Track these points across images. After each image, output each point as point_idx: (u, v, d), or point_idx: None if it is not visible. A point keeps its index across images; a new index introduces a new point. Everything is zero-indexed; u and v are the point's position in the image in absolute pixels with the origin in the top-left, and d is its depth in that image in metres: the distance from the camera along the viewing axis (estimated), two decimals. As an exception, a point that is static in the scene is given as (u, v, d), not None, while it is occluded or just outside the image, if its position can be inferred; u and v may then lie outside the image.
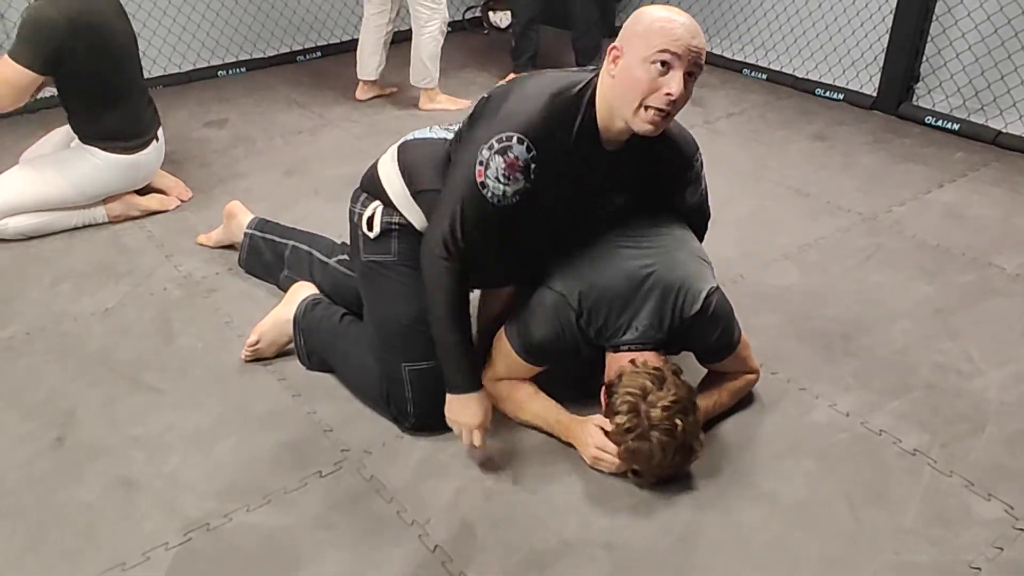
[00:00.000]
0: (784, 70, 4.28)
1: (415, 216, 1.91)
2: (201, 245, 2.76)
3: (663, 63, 1.62)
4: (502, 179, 1.68)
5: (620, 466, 1.81)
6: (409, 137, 1.99)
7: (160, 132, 2.97)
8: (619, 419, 1.74)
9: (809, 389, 2.13)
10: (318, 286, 2.29)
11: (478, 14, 5.25)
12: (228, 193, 3.13)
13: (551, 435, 1.96)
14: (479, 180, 1.68)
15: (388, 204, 1.93)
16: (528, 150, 1.67)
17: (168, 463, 1.89)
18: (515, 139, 1.66)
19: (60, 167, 2.77)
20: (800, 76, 4.20)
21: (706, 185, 2.05)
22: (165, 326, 2.38)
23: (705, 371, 2.05)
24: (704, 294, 1.84)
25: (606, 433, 1.81)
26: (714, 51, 4.57)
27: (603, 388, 1.86)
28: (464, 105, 3.96)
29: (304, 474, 1.86)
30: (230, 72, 4.39)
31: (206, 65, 4.37)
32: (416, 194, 1.90)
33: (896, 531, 1.73)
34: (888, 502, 1.80)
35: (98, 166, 2.78)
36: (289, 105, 4.01)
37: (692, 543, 1.70)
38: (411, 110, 3.96)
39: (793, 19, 4.31)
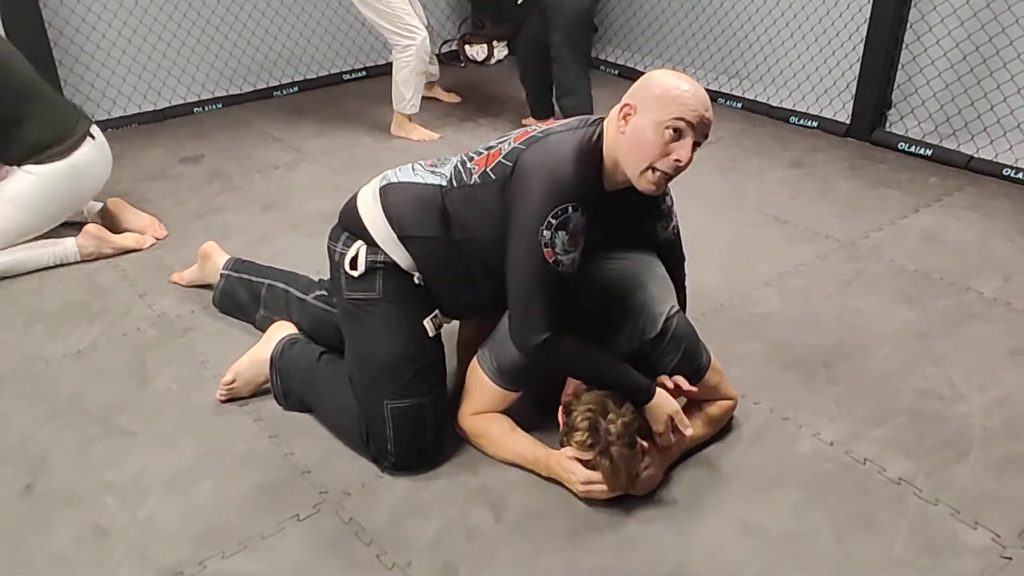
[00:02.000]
0: (759, 99, 4.32)
1: (401, 257, 1.89)
2: (174, 283, 2.72)
3: (676, 130, 1.68)
4: (569, 248, 1.72)
5: (611, 491, 1.80)
6: (393, 179, 1.95)
7: (95, 129, 2.89)
8: (578, 436, 1.76)
9: (792, 418, 2.12)
10: (296, 324, 2.26)
11: (454, 47, 5.28)
12: (205, 230, 3.11)
13: (532, 471, 1.93)
14: (551, 260, 1.71)
15: (372, 244, 1.91)
16: (581, 213, 1.71)
17: (142, 509, 1.85)
18: (569, 208, 1.69)
19: (5, 198, 2.71)
20: (775, 104, 4.24)
21: (679, 225, 2.05)
22: (139, 367, 2.33)
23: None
24: (663, 317, 1.85)
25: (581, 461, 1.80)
26: (689, 81, 4.60)
27: (560, 407, 1.86)
28: (431, 138, 3.97)
29: (281, 518, 1.82)
30: (206, 108, 4.37)
31: (182, 102, 4.35)
32: (404, 238, 1.89)
33: (884, 562, 1.71)
34: (875, 532, 1.78)
35: (39, 182, 2.72)
36: (266, 140, 3.99)
37: (679, 580, 1.68)
38: (387, 143, 3.96)
39: (767, 48, 4.36)
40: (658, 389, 1.82)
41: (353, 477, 1.93)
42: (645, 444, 1.81)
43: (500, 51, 5.27)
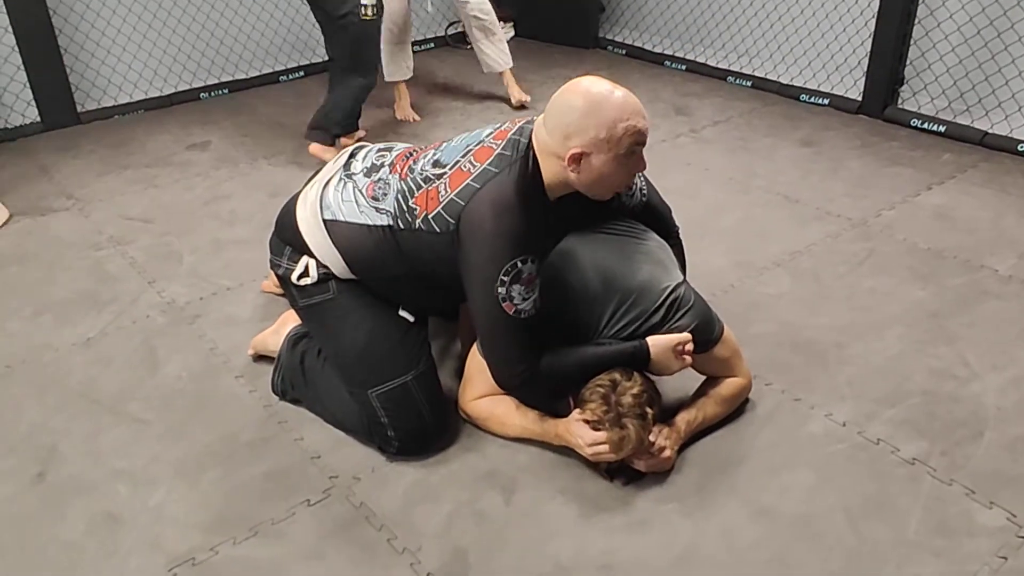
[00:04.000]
0: (769, 77, 4.27)
1: (348, 275, 1.91)
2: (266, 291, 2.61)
3: (633, 153, 1.70)
4: (527, 295, 1.73)
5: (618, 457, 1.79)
6: (339, 215, 1.88)
7: None
8: (591, 406, 1.77)
9: (804, 399, 2.10)
10: None
11: (460, 29, 5.23)
12: (212, 216, 3.10)
13: (542, 445, 1.93)
14: (512, 313, 1.72)
15: (320, 262, 1.92)
16: (532, 260, 1.71)
17: (153, 496, 1.85)
18: (518, 263, 1.69)
19: None
20: (785, 83, 4.19)
21: (646, 185, 2.03)
22: (149, 355, 2.33)
23: (692, 390, 2.03)
24: (664, 293, 1.85)
25: (587, 423, 1.80)
26: (699, 59, 4.56)
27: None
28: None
29: (292, 503, 1.82)
30: (212, 94, 4.36)
31: (188, 88, 4.34)
32: (362, 274, 1.90)
33: (898, 543, 1.69)
34: (889, 513, 1.76)
35: None
36: (272, 126, 3.97)
37: (690, 562, 1.67)
38: (393, 127, 3.95)
39: (777, 26, 4.31)
40: (651, 339, 1.82)
41: (363, 462, 1.93)
42: (649, 411, 1.79)
43: (506, 32, 5.21)
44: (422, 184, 1.79)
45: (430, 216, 1.75)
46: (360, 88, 3.41)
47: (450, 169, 1.78)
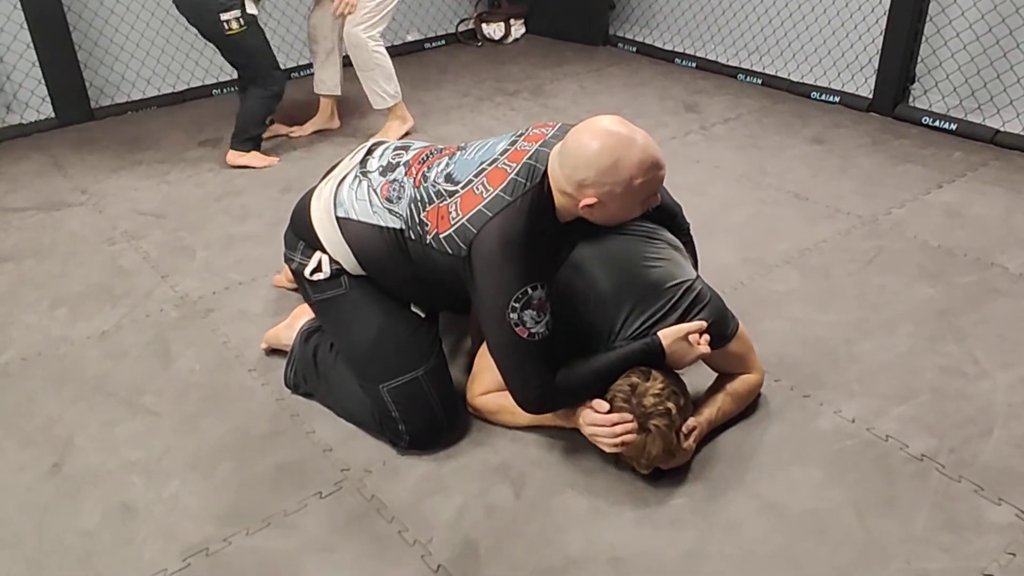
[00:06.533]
0: (779, 74, 4.27)
1: (359, 272, 1.93)
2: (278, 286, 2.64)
3: (650, 196, 1.73)
4: (540, 318, 1.72)
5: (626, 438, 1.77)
6: (352, 213, 1.90)
7: None
8: (616, 402, 1.76)
9: (813, 396, 2.11)
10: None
11: (471, 26, 5.25)
12: (224, 211, 3.13)
13: (552, 438, 1.94)
14: (525, 337, 1.72)
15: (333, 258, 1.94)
16: (542, 285, 1.72)
17: (167, 487, 1.87)
18: (528, 289, 1.70)
19: None
20: (795, 80, 4.19)
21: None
22: (162, 348, 2.36)
23: (706, 386, 2.04)
24: (680, 290, 1.85)
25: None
26: (709, 57, 4.57)
27: None
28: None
29: (304, 495, 1.84)
30: (224, 91, 4.39)
31: (200, 84, 4.37)
32: (371, 270, 1.92)
33: (906, 539, 1.70)
34: (897, 509, 1.77)
35: None
36: (283, 121, 3.98)
37: (698, 557, 1.68)
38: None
39: (787, 23, 4.30)
40: (661, 332, 1.81)
41: (374, 455, 1.95)
42: (673, 408, 1.78)
43: (517, 29, 5.24)
44: (434, 198, 1.80)
45: (441, 236, 1.76)
46: (263, 98, 3.48)
47: (462, 188, 1.77)
